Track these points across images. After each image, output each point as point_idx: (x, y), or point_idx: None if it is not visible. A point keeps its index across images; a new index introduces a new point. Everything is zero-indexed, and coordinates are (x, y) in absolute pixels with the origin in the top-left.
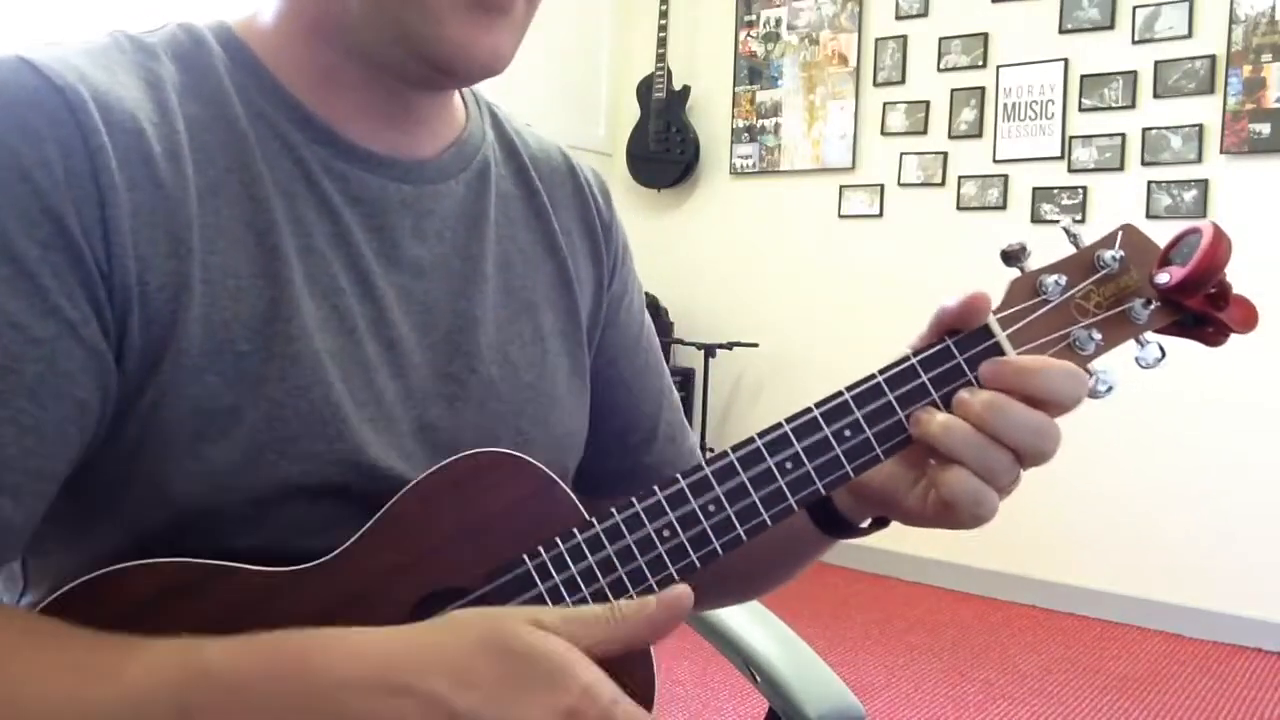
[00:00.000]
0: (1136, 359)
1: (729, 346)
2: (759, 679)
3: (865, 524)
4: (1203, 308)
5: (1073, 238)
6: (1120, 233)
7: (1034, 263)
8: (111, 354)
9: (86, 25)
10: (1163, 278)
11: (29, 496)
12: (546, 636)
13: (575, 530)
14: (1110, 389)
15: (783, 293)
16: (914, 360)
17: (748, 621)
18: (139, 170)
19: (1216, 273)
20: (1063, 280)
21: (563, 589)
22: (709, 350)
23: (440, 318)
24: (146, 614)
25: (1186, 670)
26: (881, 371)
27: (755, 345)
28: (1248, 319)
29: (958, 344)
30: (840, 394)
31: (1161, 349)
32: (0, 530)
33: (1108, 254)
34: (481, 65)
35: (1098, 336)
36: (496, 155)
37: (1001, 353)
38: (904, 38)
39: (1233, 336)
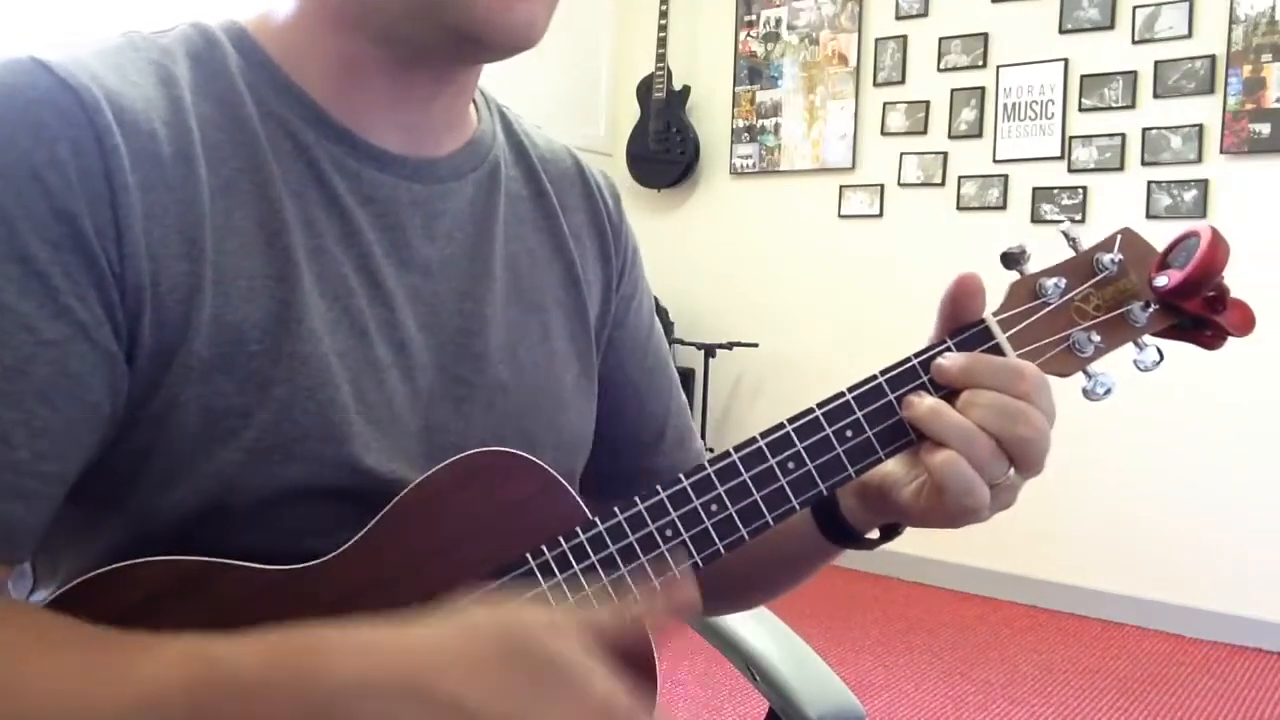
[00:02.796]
0: (1135, 361)
1: (729, 346)
2: (759, 679)
3: (873, 536)
4: (1201, 311)
5: (1071, 241)
6: (1119, 236)
7: (1034, 264)
8: (123, 355)
9: (94, 25)
10: (1161, 280)
11: (41, 499)
12: (566, 642)
13: (578, 529)
14: (1109, 391)
15: (783, 293)
16: (915, 361)
17: (748, 621)
18: (152, 171)
19: (1215, 276)
20: (1062, 283)
21: (565, 587)
22: (709, 350)
23: (448, 319)
24: (151, 609)
25: (1186, 670)
26: (883, 372)
27: (755, 345)
28: (1245, 322)
29: (959, 345)
30: (842, 394)
31: (1160, 352)
32: (14, 534)
33: (1106, 257)
34: (516, 35)
35: (1097, 339)
36: (506, 156)
37: (1002, 354)
38: (904, 38)
39: (1230, 339)
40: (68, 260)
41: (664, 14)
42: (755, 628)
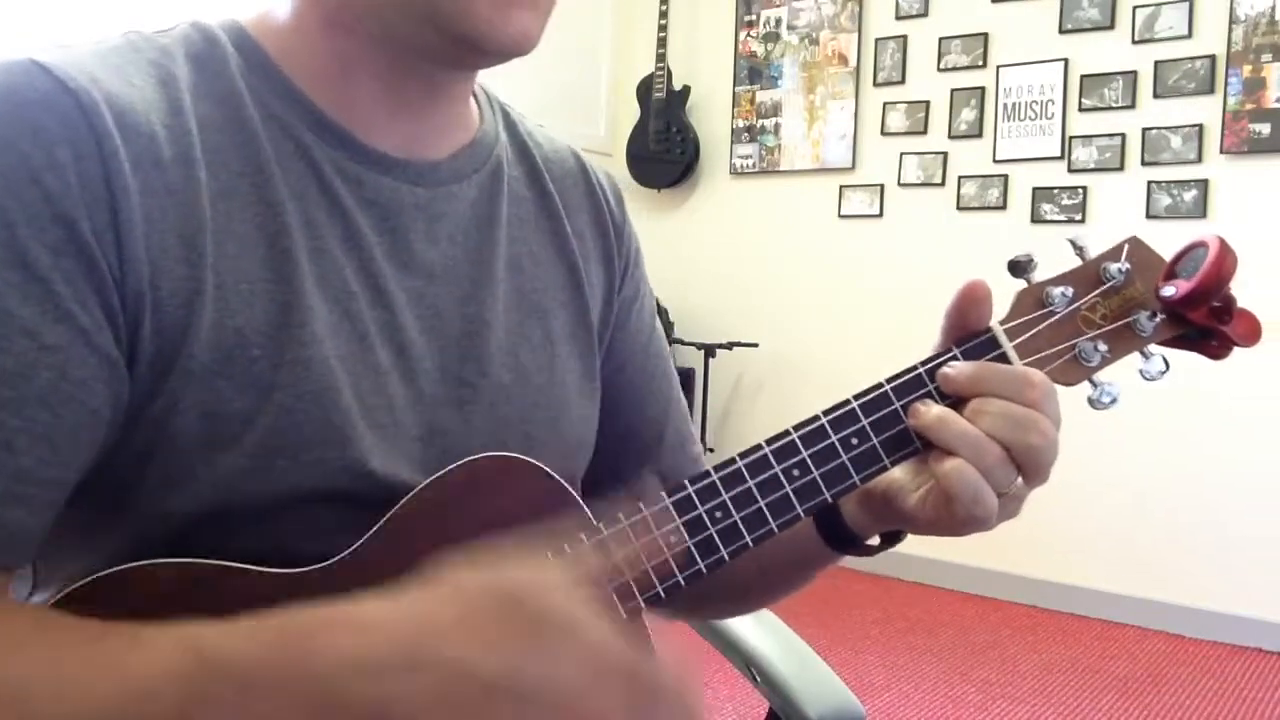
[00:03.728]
0: (1141, 371)
1: (729, 346)
2: (759, 679)
3: (874, 542)
4: (1207, 321)
5: (1079, 250)
6: (1126, 245)
7: (1039, 268)
8: (123, 360)
9: (93, 25)
10: (1168, 291)
11: (42, 505)
12: (556, 596)
13: (583, 535)
14: (1114, 400)
15: (783, 293)
16: (921, 370)
17: (748, 621)
18: (152, 174)
19: (1222, 286)
20: (1069, 292)
21: None
22: (709, 350)
23: (450, 322)
24: (157, 612)
25: (1186, 670)
26: (889, 380)
27: (755, 345)
28: (1251, 332)
29: (965, 353)
30: (848, 402)
31: (1165, 361)
32: (16, 540)
33: (1113, 266)
34: (511, 42)
35: (1103, 348)
36: (509, 156)
37: (1009, 363)
38: (904, 38)
39: (1236, 349)
40: (68, 265)
41: (664, 14)
42: (755, 628)
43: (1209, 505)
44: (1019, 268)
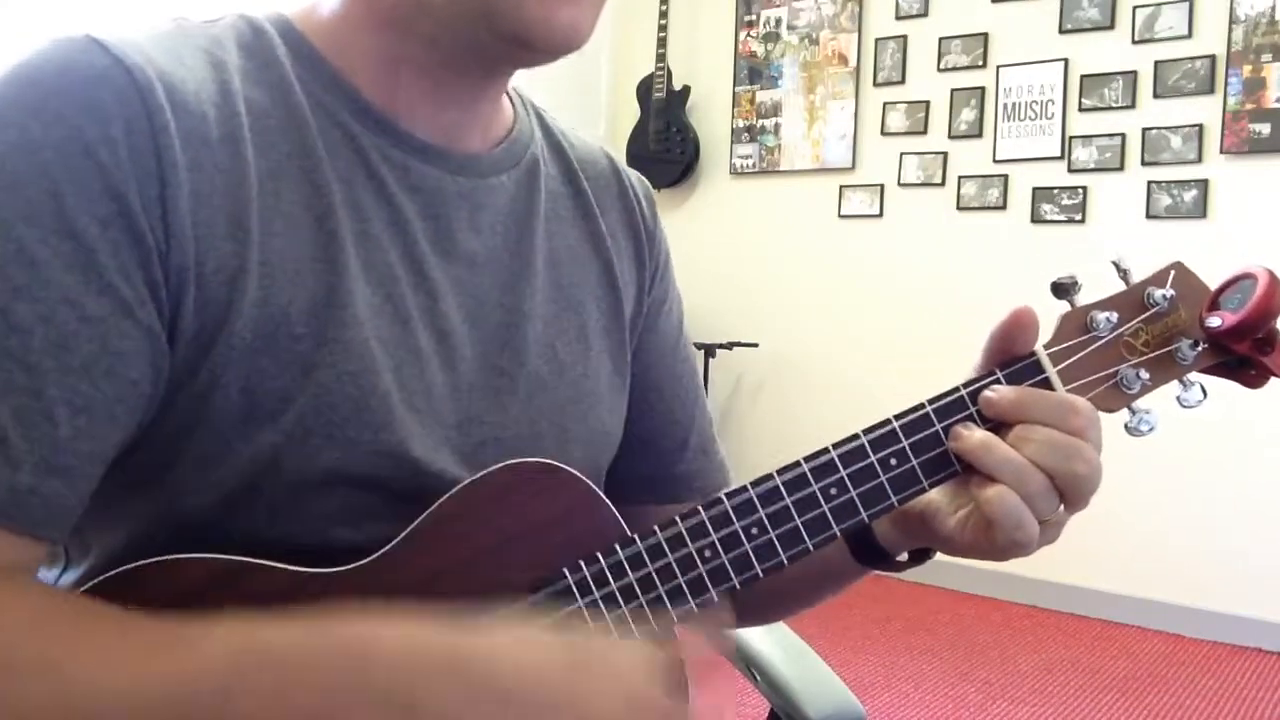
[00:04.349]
0: (1179, 399)
1: (729, 346)
2: (759, 679)
3: (903, 559)
4: (1250, 352)
5: (1122, 272)
6: (1171, 271)
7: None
8: (165, 335)
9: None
10: (1214, 321)
11: (79, 478)
12: (611, 639)
13: (617, 546)
14: (1152, 429)
15: (783, 293)
16: (964, 392)
17: None
18: (201, 151)
19: (1271, 320)
20: (1114, 317)
21: (602, 605)
22: (709, 350)
23: (490, 311)
24: (186, 606)
25: (1186, 670)
26: (930, 401)
27: (755, 345)
28: None
29: (1007, 377)
30: (888, 421)
31: (1204, 390)
32: (53, 512)
33: (1158, 292)
34: (562, 39)
35: (1145, 376)
36: (545, 155)
37: (1051, 388)
38: (904, 38)
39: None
40: (115, 237)
41: (664, 14)
42: (756, 629)
43: (1210, 505)
44: (1062, 289)
